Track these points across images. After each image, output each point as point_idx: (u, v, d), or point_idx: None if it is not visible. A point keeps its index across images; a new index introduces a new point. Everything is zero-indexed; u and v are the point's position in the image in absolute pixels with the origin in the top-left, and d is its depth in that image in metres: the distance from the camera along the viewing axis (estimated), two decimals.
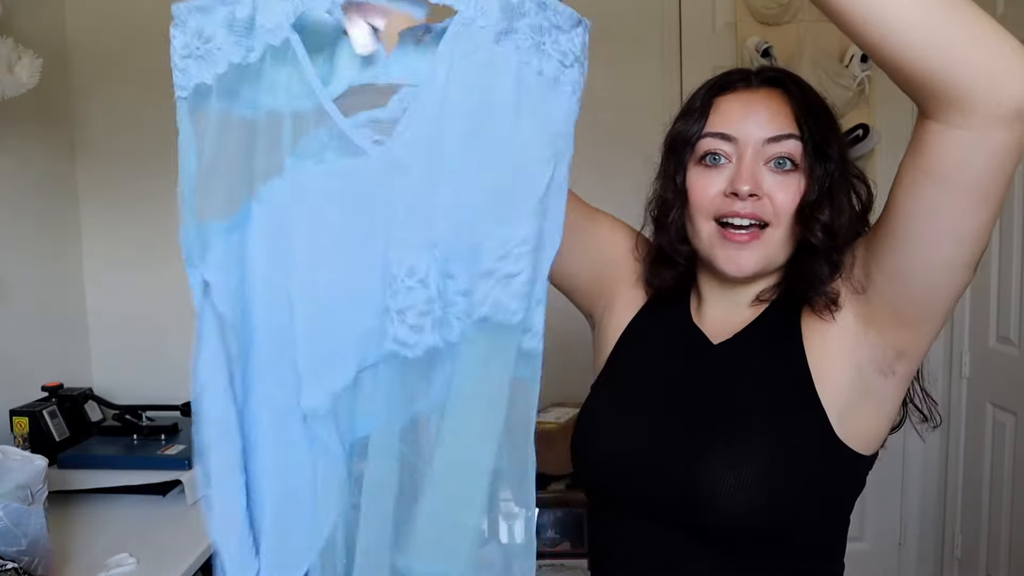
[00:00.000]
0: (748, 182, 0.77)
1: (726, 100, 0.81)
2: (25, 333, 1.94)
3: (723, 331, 0.86)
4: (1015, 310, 1.84)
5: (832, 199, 0.79)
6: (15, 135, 1.92)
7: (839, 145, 0.81)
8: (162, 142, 2.41)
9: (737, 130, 0.79)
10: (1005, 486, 1.90)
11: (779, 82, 0.82)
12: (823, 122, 0.81)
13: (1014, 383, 1.85)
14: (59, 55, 2.12)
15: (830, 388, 0.77)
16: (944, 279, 0.71)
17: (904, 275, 0.72)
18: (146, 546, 1.45)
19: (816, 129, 0.79)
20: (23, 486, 1.23)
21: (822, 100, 0.83)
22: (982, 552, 2.00)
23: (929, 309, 0.74)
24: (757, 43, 2.05)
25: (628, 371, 0.90)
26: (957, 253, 0.69)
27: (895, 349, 0.75)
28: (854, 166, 0.84)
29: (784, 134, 0.78)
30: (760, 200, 0.77)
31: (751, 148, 0.78)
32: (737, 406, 0.80)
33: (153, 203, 2.20)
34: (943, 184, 0.66)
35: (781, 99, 0.80)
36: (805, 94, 0.82)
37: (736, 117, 0.80)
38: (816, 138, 0.79)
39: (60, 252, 2.14)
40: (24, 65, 1.64)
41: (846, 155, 0.81)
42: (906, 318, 0.75)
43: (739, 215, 0.78)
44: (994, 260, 1.91)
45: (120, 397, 2.06)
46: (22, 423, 1.76)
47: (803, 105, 0.80)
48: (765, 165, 0.79)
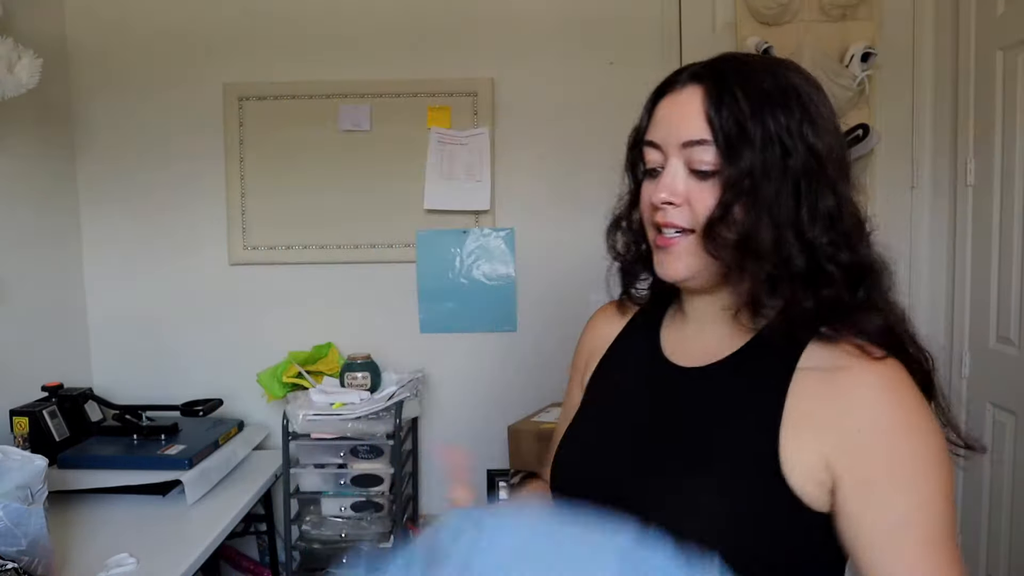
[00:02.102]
0: (663, 190, 0.76)
1: (661, 105, 0.79)
2: (25, 333, 1.94)
3: (699, 352, 0.82)
4: (1015, 310, 1.84)
5: (756, 207, 0.72)
6: (15, 135, 1.92)
7: (776, 142, 0.72)
8: (162, 142, 2.44)
9: (661, 137, 0.77)
10: (1005, 486, 1.90)
11: (702, 77, 0.76)
12: (752, 113, 0.72)
13: (1014, 383, 1.85)
14: (59, 55, 2.12)
15: (795, 457, 0.71)
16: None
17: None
18: (146, 546, 1.45)
19: (731, 125, 0.72)
20: (23, 486, 1.23)
21: (762, 84, 0.73)
22: (982, 552, 2.00)
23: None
24: (757, 43, 2.05)
25: (602, 397, 0.91)
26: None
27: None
28: (826, 166, 0.73)
29: (694, 139, 0.74)
30: (679, 207, 0.76)
31: (672, 153, 0.76)
32: (700, 446, 0.76)
33: (153, 203, 2.22)
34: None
35: (700, 98, 0.75)
36: (727, 85, 0.74)
37: (661, 123, 0.78)
38: (729, 136, 0.72)
39: (60, 252, 2.14)
40: (24, 65, 1.64)
41: (798, 150, 0.72)
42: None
43: (661, 224, 0.78)
44: (994, 260, 1.91)
45: (120, 397, 2.06)
46: (22, 423, 1.76)
47: (720, 102, 0.73)
48: (692, 170, 0.75)
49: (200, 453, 1.79)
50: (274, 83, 2.17)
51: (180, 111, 2.19)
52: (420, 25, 2.18)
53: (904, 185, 2.15)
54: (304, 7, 2.18)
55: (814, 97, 0.76)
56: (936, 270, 2.16)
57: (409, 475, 2.17)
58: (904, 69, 2.15)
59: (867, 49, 2.02)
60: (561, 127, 2.18)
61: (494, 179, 2.19)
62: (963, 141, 2.01)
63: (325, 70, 2.18)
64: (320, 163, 2.18)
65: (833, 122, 0.77)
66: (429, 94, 2.17)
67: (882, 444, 0.69)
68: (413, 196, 2.17)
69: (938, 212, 2.14)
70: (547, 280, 2.21)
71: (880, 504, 0.69)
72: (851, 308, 0.74)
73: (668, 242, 0.77)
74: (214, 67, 2.18)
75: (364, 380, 2.03)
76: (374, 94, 2.17)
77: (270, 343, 2.18)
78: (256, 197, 2.20)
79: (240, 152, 2.19)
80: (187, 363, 2.22)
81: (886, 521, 0.69)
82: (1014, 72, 1.81)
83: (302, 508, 2.03)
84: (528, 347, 2.22)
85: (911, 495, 0.69)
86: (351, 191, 2.19)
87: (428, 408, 2.26)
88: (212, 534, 1.53)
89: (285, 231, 2.21)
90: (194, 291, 2.22)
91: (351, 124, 2.18)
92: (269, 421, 2.19)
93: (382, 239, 2.21)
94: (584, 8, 2.18)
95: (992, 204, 1.91)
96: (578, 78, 2.18)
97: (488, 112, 2.17)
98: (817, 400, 0.71)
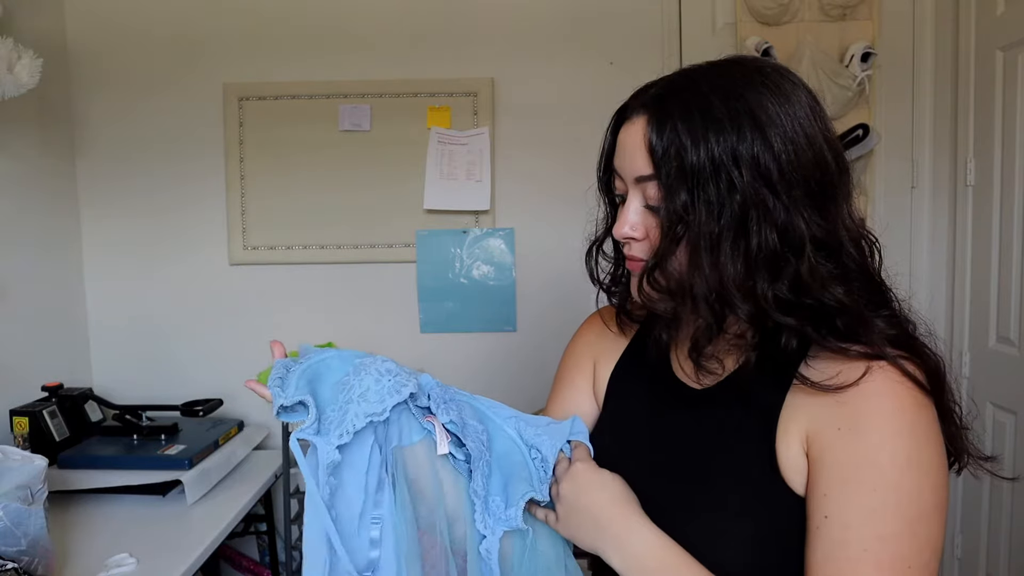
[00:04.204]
0: (624, 225, 0.74)
1: (620, 132, 0.75)
2: (25, 333, 1.94)
3: (704, 372, 0.79)
4: (1015, 310, 1.84)
5: (694, 252, 0.68)
6: (15, 135, 1.92)
7: (720, 174, 0.65)
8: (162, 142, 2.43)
9: (620, 167, 0.75)
10: (1005, 486, 1.90)
11: (648, 107, 0.71)
12: (693, 144, 0.66)
13: (1014, 383, 1.85)
14: (59, 55, 2.12)
15: (788, 456, 0.70)
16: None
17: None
18: (146, 546, 1.45)
19: (671, 161, 0.67)
20: (23, 486, 1.23)
21: (710, 110, 0.66)
22: (982, 552, 2.00)
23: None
24: (757, 43, 2.05)
25: (616, 421, 0.90)
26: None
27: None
28: (786, 191, 0.66)
29: (642, 176, 0.71)
30: (640, 242, 0.74)
31: (631, 187, 0.74)
32: (711, 470, 0.75)
33: (153, 203, 2.21)
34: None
35: (643, 129, 0.70)
36: (669, 117, 0.68)
37: (619, 152, 0.75)
38: (668, 174, 0.68)
39: (60, 252, 2.14)
40: (24, 65, 1.64)
41: (745, 180, 0.65)
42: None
43: (626, 255, 0.78)
44: (994, 260, 1.91)
45: (120, 397, 2.06)
46: (22, 423, 1.76)
47: (661, 133, 0.68)
48: (646, 204, 0.73)
49: (200, 453, 1.79)
50: (274, 83, 2.17)
51: (180, 111, 2.19)
52: (420, 25, 2.18)
53: (904, 185, 2.15)
54: (304, 7, 2.18)
55: (780, 113, 0.67)
56: (936, 270, 2.16)
57: None
58: (904, 69, 2.15)
59: (867, 49, 2.02)
60: (561, 127, 2.18)
61: (494, 179, 2.19)
62: (963, 141, 2.01)
63: (325, 70, 2.18)
64: (320, 163, 2.18)
65: (810, 137, 0.68)
66: (429, 94, 2.17)
67: (846, 444, 0.66)
68: (413, 196, 2.17)
69: (938, 212, 2.14)
70: (547, 280, 2.21)
71: (815, 499, 0.67)
72: (854, 315, 0.69)
73: (635, 266, 0.77)
74: (214, 67, 2.18)
75: None
76: (374, 94, 2.17)
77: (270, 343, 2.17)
78: (256, 197, 2.20)
79: (240, 152, 2.19)
80: (187, 363, 2.22)
81: (813, 516, 0.66)
82: (1014, 72, 1.81)
83: (302, 508, 2.02)
84: (528, 347, 2.22)
85: (847, 501, 0.64)
86: (351, 191, 2.19)
87: None
88: (212, 534, 1.53)
89: (285, 231, 2.21)
90: (194, 291, 2.22)
91: (351, 124, 2.18)
92: (269, 421, 2.18)
93: (382, 239, 2.21)
94: (584, 8, 2.18)
95: (992, 204, 1.91)
96: (578, 78, 2.18)
97: (488, 112, 2.17)
98: (807, 405, 0.69)
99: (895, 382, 0.66)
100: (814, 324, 0.68)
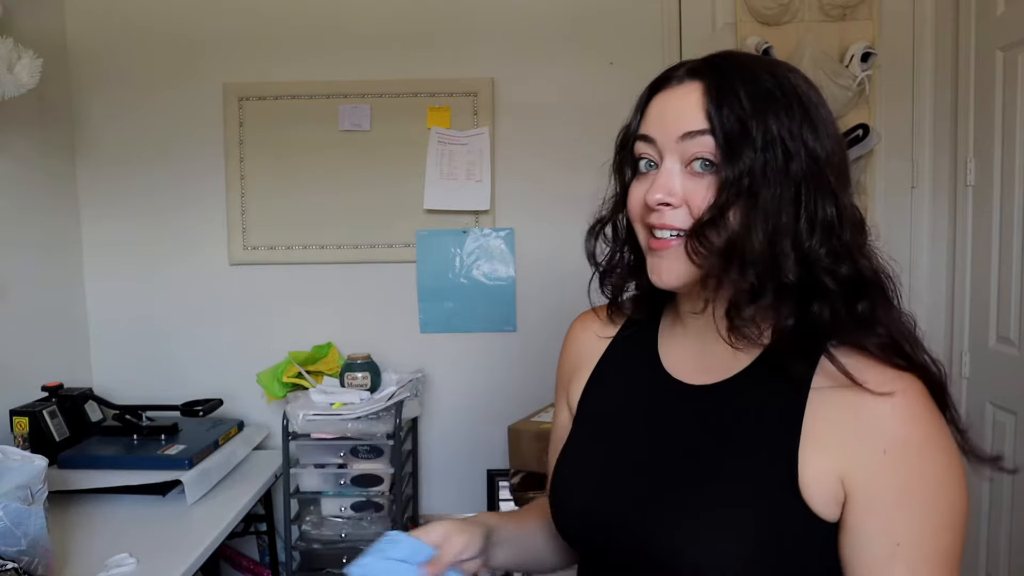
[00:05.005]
0: (659, 190, 0.71)
1: (655, 101, 0.75)
2: (25, 333, 1.94)
3: (704, 368, 0.78)
4: (1015, 310, 1.84)
5: (753, 212, 0.68)
6: (15, 135, 1.92)
7: (778, 144, 0.68)
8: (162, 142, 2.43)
9: (656, 130, 0.73)
10: (1005, 486, 1.90)
11: (701, 73, 0.72)
12: (754, 111, 0.68)
13: (1014, 383, 1.85)
14: (59, 55, 2.12)
15: (814, 477, 0.69)
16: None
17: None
18: (146, 546, 1.45)
19: (732, 121, 0.68)
20: (23, 486, 1.23)
21: (764, 83, 0.70)
22: (982, 552, 2.00)
23: None
24: (757, 43, 2.05)
25: (598, 415, 0.86)
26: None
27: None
28: (827, 173, 0.70)
29: (694, 130, 0.70)
30: (676, 209, 0.71)
31: (667, 149, 0.72)
32: (715, 470, 0.73)
33: (153, 203, 2.22)
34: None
35: (700, 93, 0.71)
36: (728, 81, 0.70)
37: (656, 118, 0.74)
38: (729, 132, 0.68)
39: (60, 252, 2.14)
40: (24, 65, 1.64)
41: (800, 154, 0.68)
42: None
43: (655, 225, 0.73)
44: (994, 260, 1.91)
45: (120, 397, 2.06)
46: (22, 423, 1.76)
47: (719, 94, 0.70)
48: (687, 167, 0.71)
49: (200, 453, 1.79)
50: (274, 83, 2.17)
51: (180, 111, 2.19)
52: (420, 25, 2.18)
53: (904, 185, 2.15)
54: (304, 7, 2.18)
55: (815, 100, 0.72)
56: (936, 270, 2.16)
57: (409, 475, 2.17)
58: (904, 69, 2.15)
59: (867, 49, 2.02)
60: (561, 127, 2.18)
61: (494, 179, 2.19)
62: (963, 141, 2.01)
63: (325, 70, 2.18)
64: (320, 163, 2.18)
65: (834, 127, 0.73)
66: (429, 94, 2.17)
67: (895, 466, 0.67)
68: (413, 196, 2.17)
69: (938, 212, 2.14)
70: (547, 280, 2.21)
71: (881, 526, 0.67)
72: (859, 321, 0.70)
73: (663, 244, 0.73)
74: (214, 67, 2.18)
75: (364, 380, 2.03)
76: (374, 94, 2.17)
77: (270, 343, 2.18)
78: (256, 197, 2.20)
79: (240, 152, 2.19)
80: (187, 363, 2.22)
81: (883, 544, 0.67)
82: (1014, 72, 1.81)
83: (302, 508, 2.03)
84: (528, 347, 2.22)
85: (912, 521, 0.67)
86: (351, 191, 2.19)
87: (428, 408, 2.26)
88: (212, 534, 1.53)
89: (285, 231, 2.21)
90: (194, 291, 2.22)
91: (351, 124, 2.18)
92: (269, 421, 2.19)
93: (382, 239, 2.21)
94: (584, 8, 2.18)
95: (992, 204, 1.91)
96: (578, 78, 2.18)
97: (488, 112, 2.17)
98: (835, 419, 0.69)
99: (925, 396, 0.69)
100: (844, 300, 0.70)
